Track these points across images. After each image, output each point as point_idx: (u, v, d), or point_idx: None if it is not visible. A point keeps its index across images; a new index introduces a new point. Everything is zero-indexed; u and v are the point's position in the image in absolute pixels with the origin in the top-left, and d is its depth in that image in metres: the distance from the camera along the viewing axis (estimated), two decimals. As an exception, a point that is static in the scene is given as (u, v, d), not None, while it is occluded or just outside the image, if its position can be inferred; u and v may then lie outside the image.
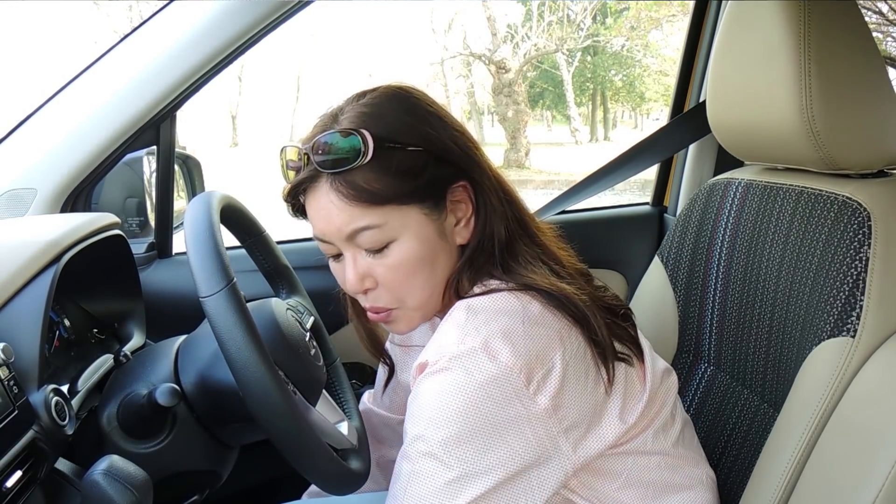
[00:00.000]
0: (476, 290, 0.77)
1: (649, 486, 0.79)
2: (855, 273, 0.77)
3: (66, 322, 1.02)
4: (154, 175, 1.32)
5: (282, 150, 0.78)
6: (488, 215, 0.78)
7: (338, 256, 0.79)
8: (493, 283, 0.77)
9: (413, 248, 0.75)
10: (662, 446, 0.80)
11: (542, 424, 0.70)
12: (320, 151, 0.73)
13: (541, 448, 0.70)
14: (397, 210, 0.74)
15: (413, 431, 0.71)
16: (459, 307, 0.75)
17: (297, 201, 0.80)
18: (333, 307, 0.95)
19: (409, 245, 0.75)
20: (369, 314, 0.81)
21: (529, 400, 0.69)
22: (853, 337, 0.75)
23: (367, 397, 1.19)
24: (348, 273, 0.77)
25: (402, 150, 0.74)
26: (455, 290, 0.79)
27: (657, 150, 1.52)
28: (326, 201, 0.74)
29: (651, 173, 1.70)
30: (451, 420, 0.68)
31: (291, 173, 0.78)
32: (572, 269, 0.82)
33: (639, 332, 0.84)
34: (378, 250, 0.75)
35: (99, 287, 1.09)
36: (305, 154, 0.75)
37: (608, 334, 0.76)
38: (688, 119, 1.51)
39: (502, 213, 0.79)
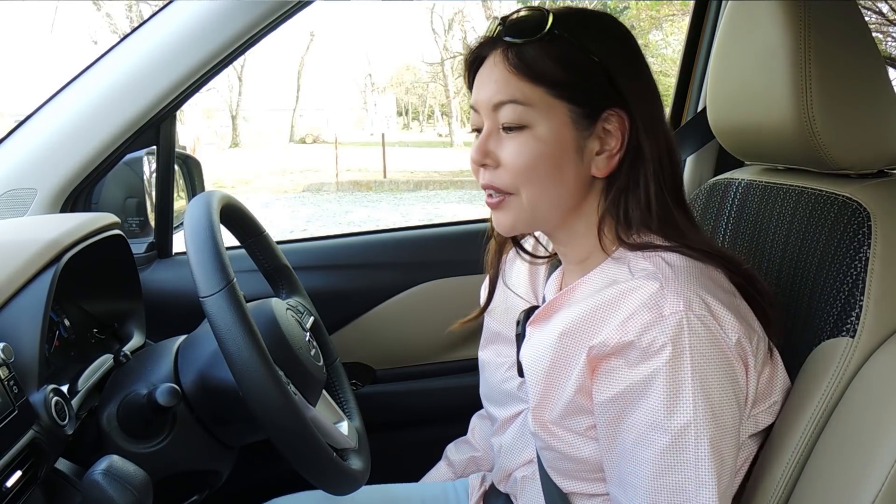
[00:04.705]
0: (646, 245, 0.77)
1: None
2: (854, 273, 0.77)
3: (66, 322, 1.02)
4: (154, 175, 1.32)
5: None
6: (638, 162, 0.77)
7: (479, 132, 0.81)
8: (658, 241, 0.77)
9: (544, 142, 0.75)
10: None
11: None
12: (507, 21, 0.78)
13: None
14: (547, 98, 0.75)
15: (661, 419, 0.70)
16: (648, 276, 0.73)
17: (473, 75, 0.82)
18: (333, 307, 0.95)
19: (542, 137, 0.75)
20: (486, 200, 0.80)
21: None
22: (853, 337, 0.75)
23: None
24: (476, 143, 0.78)
25: (581, 50, 0.76)
26: (613, 233, 0.78)
27: None
28: (492, 68, 0.78)
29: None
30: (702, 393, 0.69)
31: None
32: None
33: None
34: (512, 129, 0.76)
35: (99, 287, 1.09)
36: (498, 26, 0.79)
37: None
38: (689, 129, 1.51)
39: (657, 171, 0.77)
